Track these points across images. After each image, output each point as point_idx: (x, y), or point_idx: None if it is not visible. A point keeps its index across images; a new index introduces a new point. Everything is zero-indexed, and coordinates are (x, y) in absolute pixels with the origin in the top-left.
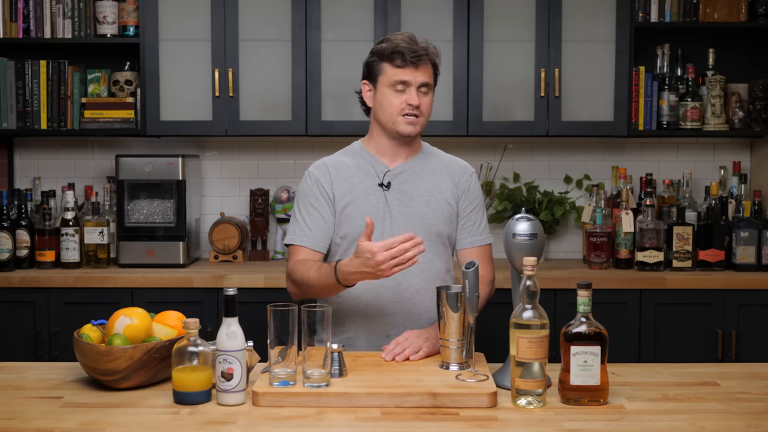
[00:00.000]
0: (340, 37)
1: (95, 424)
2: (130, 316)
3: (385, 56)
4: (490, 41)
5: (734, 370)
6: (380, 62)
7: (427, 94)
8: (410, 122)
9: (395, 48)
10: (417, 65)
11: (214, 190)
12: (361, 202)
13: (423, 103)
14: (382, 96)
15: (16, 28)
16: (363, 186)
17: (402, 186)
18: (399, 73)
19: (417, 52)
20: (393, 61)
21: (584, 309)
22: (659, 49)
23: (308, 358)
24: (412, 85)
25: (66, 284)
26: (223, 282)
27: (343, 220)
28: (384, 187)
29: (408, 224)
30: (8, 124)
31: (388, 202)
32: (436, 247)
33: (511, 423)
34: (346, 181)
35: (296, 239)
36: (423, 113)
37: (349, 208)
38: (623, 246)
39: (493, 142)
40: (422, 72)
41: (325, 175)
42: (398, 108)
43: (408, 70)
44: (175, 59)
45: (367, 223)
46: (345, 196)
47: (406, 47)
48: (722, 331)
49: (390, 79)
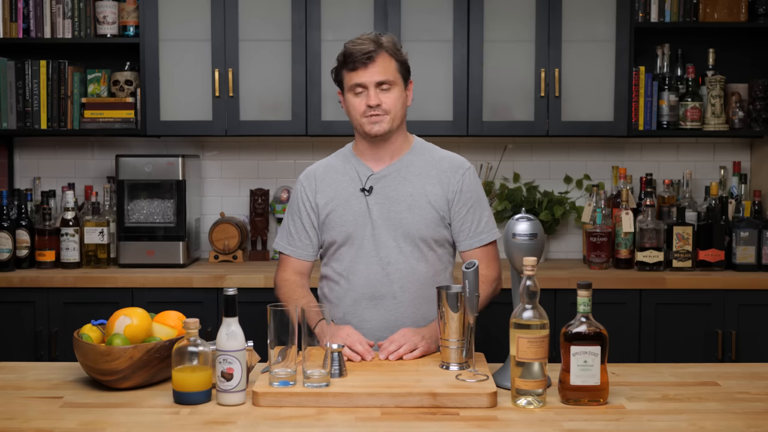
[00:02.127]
0: (340, 37)
1: (95, 424)
2: (130, 316)
3: (342, 63)
4: (490, 41)
5: (734, 370)
6: (340, 70)
7: (389, 90)
8: (374, 121)
9: (345, 52)
10: (367, 65)
11: (214, 190)
12: (342, 208)
13: (385, 101)
14: (347, 102)
15: (16, 28)
16: (346, 192)
17: (384, 190)
18: (353, 77)
19: (364, 50)
20: (347, 65)
21: (584, 309)
22: (659, 49)
23: (308, 358)
24: (368, 85)
25: (66, 284)
26: (223, 282)
27: (327, 227)
28: (366, 192)
29: (389, 230)
30: (8, 124)
31: (369, 208)
32: (422, 253)
33: (511, 423)
34: (330, 188)
35: (284, 248)
36: (387, 110)
37: (332, 215)
38: (623, 246)
39: (493, 142)
40: (375, 70)
41: (311, 184)
42: (360, 110)
43: (360, 72)
44: (175, 59)
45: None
46: (328, 203)
47: (356, 49)
48: (722, 331)
49: (348, 84)
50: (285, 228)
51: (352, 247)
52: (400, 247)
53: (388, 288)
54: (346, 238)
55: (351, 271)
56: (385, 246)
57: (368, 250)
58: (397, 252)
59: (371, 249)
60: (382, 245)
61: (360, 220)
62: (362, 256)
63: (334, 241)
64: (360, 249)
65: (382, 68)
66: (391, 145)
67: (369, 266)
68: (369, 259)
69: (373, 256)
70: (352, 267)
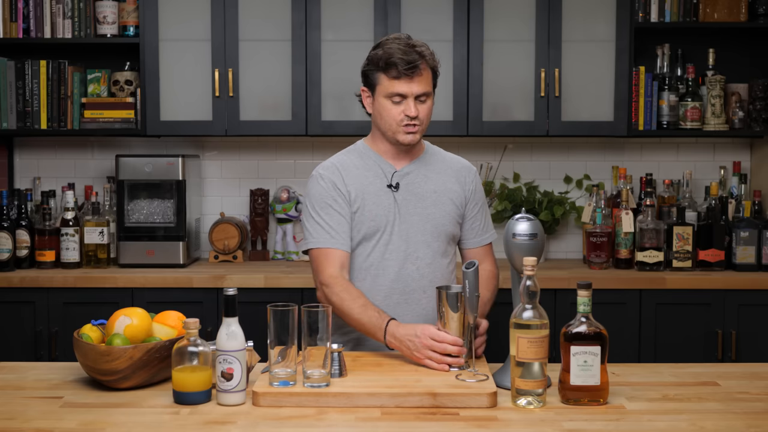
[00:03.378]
0: (340, 37)
1: (95, 424)
2: (130, 316)
3: (380, 66)
4: (490, 41)
5: (734, 370)
6: (376, 72)
7: (426, 102)
8: (409, 131)
9: (389, 58)
10: (412, 77)
11: (214, 190)
12: (371, 203)
13: (421, 112)
14: (381, 106)
15: (16, 28)
16: (373, 187)
17: (410, 187)
18: (395, 85)
19: (412, 62)
20: (388, 72)
21: (584, 309)
22: (659, 49)
23: (308, 358)
24: (410, 96)
25: (66, 284)
26: (223, 282)
27: (357, 221)
28: (393, 189)
29: (418, 225)
30: (8, 124)
31: (398, 203)
32: (444, 247)
33: (511, 423)
34: (357, 181)
35: (325, 242)
36: (422, 121)
37: (363, 209)
38: (623, 246)
39: (493, 142)
40: (419, 82)
41: (337, 175)
42: (397, 119)
43: (404, 81)
44: (175, 59)
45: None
46: (358, 196)
47: (401, 59)
48: (722, 331)
49: (386, 90)
50: (320, 224)
51: (379, 242)
52: (427, 242)
53: (418, 282)
54: (373, 233)
55: (379, 267)
56: (414, 241)
57: (397, 245)
58: (425, 247)
59: (400, 244)
60: (411, 240)
61: (389, 215)
62: (391, 251)
63: (362, 236)
64: (388, 244)
65: (425, 81)
66: (413, 147)
67: (399, 261)
68: (398, 254)
69: (402, 251)
70: (380, 262)
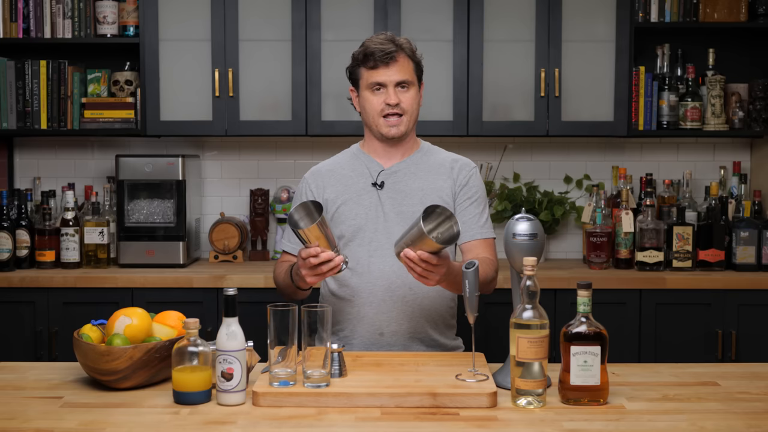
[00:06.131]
0: (340, 37)
1: (95, 424)
2: (130, 316)
3: (360, 61)
4: (490, 41)
5: (734, 370)
6: (358, 67)
7: (408, 90)
8: (392, 124)
9: (366, 50)
10: (388, 64)
11: (214, 190)
12: (353, 202)
13: (403, 100)
14: (364, 99)
15: (16, 28)
16: (356, 186)
17: (396, 185)
18: (373, 75)
19: (387, 51)
20: (366, 63)
21: (584, 309)
22: (659, 49)
23: (308, 358)
24: (388, 84)
25: (66, 284)
26: (223, 282)
27: (337, 221)
28: (377, 187)
29: (401, 223)
30: (8, 124)
31: (382, 201)
32: None
33: (511, 423)
34: (339, 183)
35: (285, 246)
36: (405, 110)
37: (342, 208)
38: (623, 246)
39: (493, 142)
40: (396, 70)
41: (317, 180)
42: (378, 108)
43: (381, 70)
44: (175, 59)
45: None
46: (338, 197)
47: (377, 47)
48: (722, 331)
49: (366, 82)
50: (288, 229)
51: (363, 240)
52: None
53: (403, 279)
54: (356, 232)
55: (364, 265)
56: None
57: (381, 243)
58: None
59: (384, 242)
60: (395, 237)
61: (372, 213)
62: (376, 248)
63: (342, 235)
64: (372, 242)
65: (402, 68)
66: (403, 145)
67: (384, 259)
68: (383, 252)
69: (387, 248)
70: (365, 261)
